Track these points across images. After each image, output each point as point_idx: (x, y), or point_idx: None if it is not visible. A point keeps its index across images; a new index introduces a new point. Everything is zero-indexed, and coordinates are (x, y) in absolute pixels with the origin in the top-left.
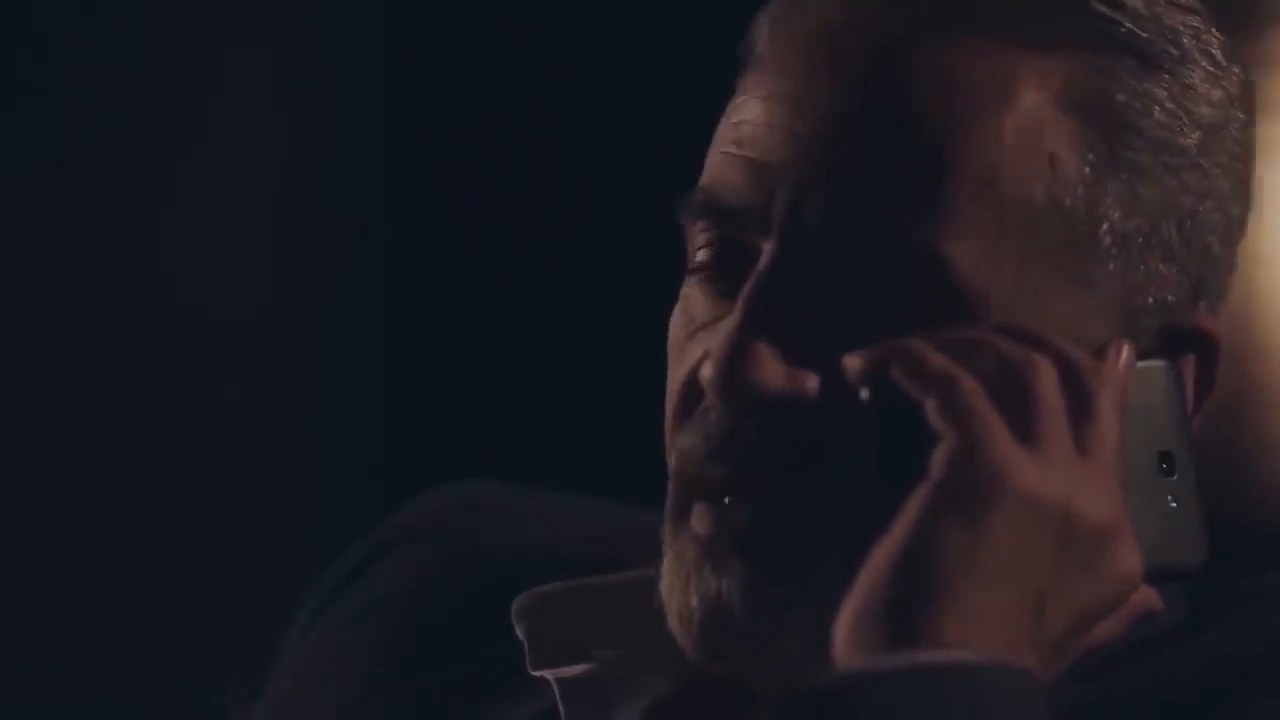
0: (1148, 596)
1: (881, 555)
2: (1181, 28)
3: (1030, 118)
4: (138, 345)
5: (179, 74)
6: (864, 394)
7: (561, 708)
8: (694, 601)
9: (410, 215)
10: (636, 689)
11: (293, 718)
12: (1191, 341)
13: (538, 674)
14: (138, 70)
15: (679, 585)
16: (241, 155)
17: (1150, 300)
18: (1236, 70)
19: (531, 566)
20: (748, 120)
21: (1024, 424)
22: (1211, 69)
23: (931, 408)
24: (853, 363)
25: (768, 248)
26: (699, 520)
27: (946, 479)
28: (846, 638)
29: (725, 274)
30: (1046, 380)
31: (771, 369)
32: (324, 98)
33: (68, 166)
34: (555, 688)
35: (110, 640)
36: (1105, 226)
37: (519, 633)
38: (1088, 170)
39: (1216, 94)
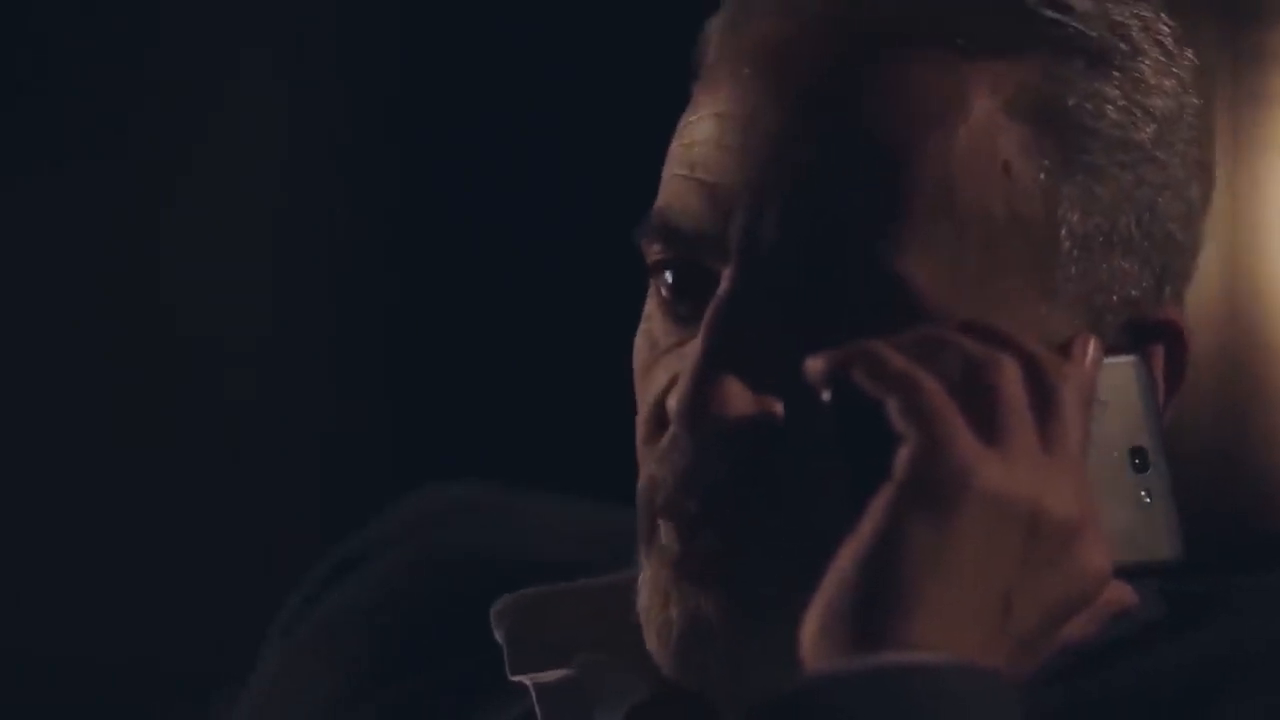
0: (1122, 593)
1: (847, 556)
2: (1130, 20)
3: (982, 128)
4: (137, 345)
5: (178, 74)
6: (825, 396)
7: (539, 713)
8: (674, 617)
9: (402, 216)
10: (616, 694)
11: (279, 714)
12: (1159, 334)
13: (516, 679)
14: (137, 70)
15: (658, 603)
16: (238, 157)
17: (1114, 297)
18: (1189, 55)
19: (516, 568)
20: (699, 141)
21: (987, 422)
22: (1162, 58)
23: (893, 408)
24: (814, 365)
25: (727, 273)
26: (668, 538)
27: (910, 479)
28: (813, 639)
29: (684, 298)
30: (1009, 378)
31: (736, 400)
32: (319, 99)
33: (67, 167)
34: (532, 693)
35: (110, 640)
36: (1064, 231)
37: (498, 637)
38: (1043, 176)
39: (1169, 83)
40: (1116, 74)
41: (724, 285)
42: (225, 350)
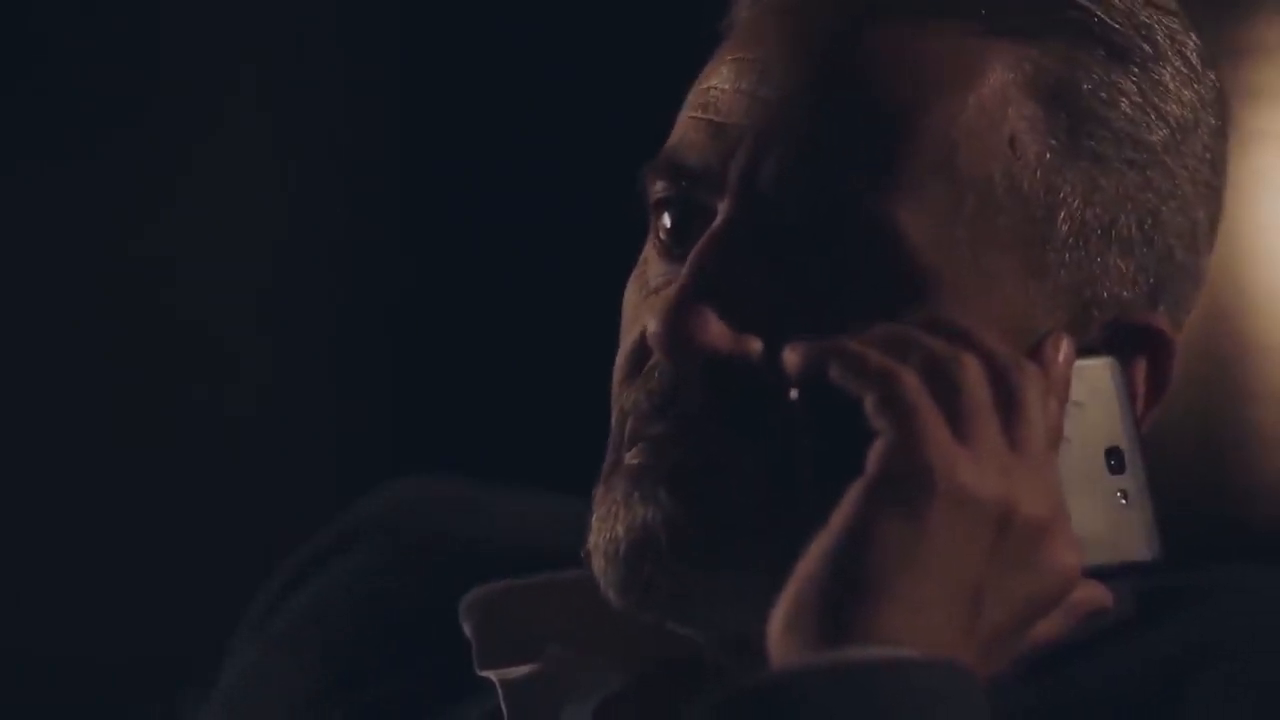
0: (1097, 593)
1: (817, 549)
2: (1156, 25)
3: (993, 98)
4: (134, 346)
5: (174, 71)
6: (799, 389)
7: (505, 709)
8: (620, 532)
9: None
10: (585, 687)
11: (250, 710)
12: (1145, 340)
13: (483, 674)
14: (134, 66)
15: (607, 523)
16: (235, 157)
17: (1104, 294)
18: (1211, 76)
19: (485, 560)
20: (715, 85)
21: (955, 420)
22: (1184, 70)
23: (870, 403)
24: (790, 358)
25: (722, 209)
26: (633, 456)
27: (883, 474)
28: (782, 631)
29: (682, 238)
30: (973, 376)
31: (716, 330)
32: (317, 98)
33: (62, 164)
34: (499, 689)
35: (97, 640)
36: (1063, 214)
37: (466, 631)
38: (1048, 155)
39: (1188, 94)
40: (1136, 70)
41: (718, 220)
42: (219, 350)
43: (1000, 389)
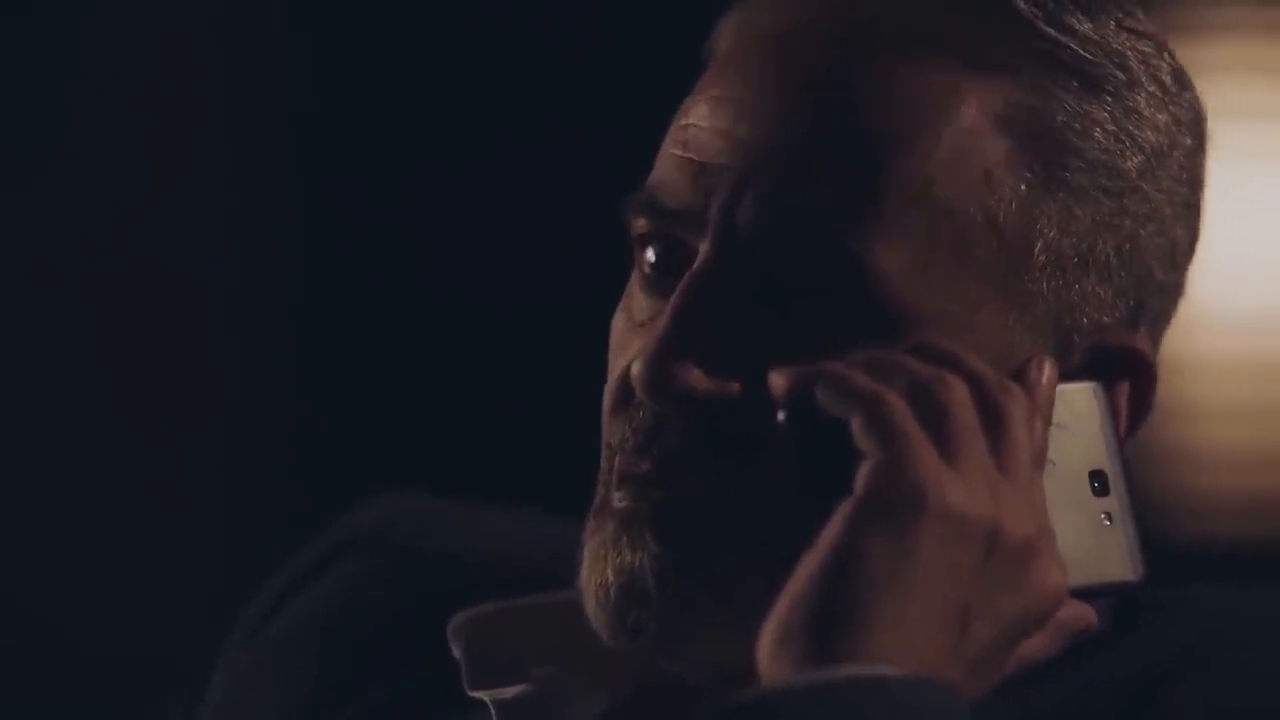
0: (1083, 612)
1: (806, 570)
2: (1130, 52)
3: (967, 135)
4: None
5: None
6: (786, 412)
7: None
8: (610, 577)
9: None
10: (574, 708)
11: None
12: (1127, 364)
13: (474, 695)
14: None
15: (597, 566)
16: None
17: (1085, 320)
18: (1189, 96)
19: (476, 577)
20: (694, 123)
21: (942, 442)
22: (1159, 93)
23: (857, 425)
24: (777, 381)
25: (703, 249)
26: (621, 498)
27: (871, 494)
28: (771, 651)
29: (665, 274)
30: (958, 398)
31: (697, 374)
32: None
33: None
34: (491, 710)
35: (99, 646)
36: (1040, 244)
37: (455, 653)
38: (1024, 188)
39: (1162, 118)
40: (1109, 99)
41: (699, 259)
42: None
43: (986, 411)
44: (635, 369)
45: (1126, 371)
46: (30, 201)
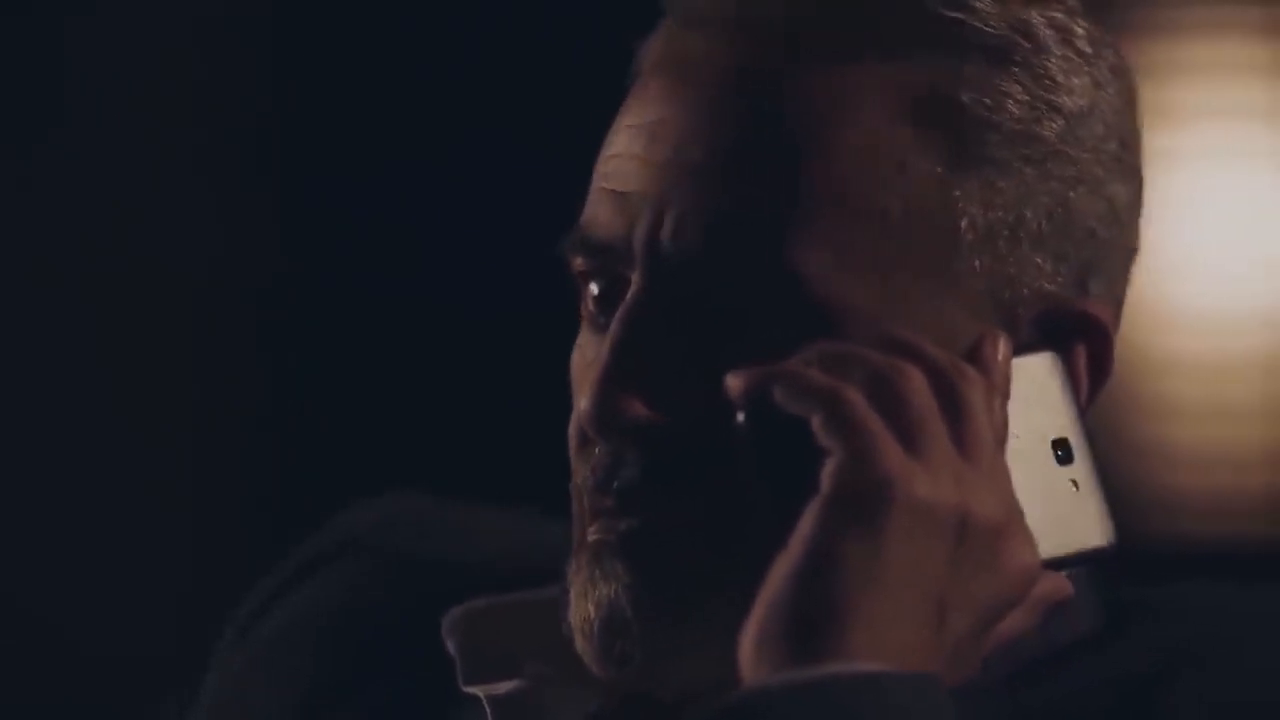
0: (1057, 584)
1: (779, 573)
2: (1035, 20)
3: (875, 129)
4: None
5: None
6: (745, 414)
7: None
8: (590, 611)
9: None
10: (567, 705)
11: None
12: (1079, 329)
13: (468, 691)
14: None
15: (580, 603)
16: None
17: (1025, 291)
18: (1109, 55)
19: (469, 576)
20: (614, 153)
21: (904, 432)
22: (1073, 56)
23: (817, 423)
24: (734, 383)
25: (633, 280)
26: (593, 532)
27: (838, 492)
28: (752, 658)
29: (607, 309)
30: (916, 386)
31: (640, 405)
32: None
33: None
34: (486, 706)
35: (92, 647)
36: (964, 223)
37: (449, 648)
38: (939, 170)
39: (1079, 81)
40: (1018, 69)
41: (630, 292)
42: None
43: (944, 396)
44: (581, 408)
45: (1080, 336)
46: (13, 199)
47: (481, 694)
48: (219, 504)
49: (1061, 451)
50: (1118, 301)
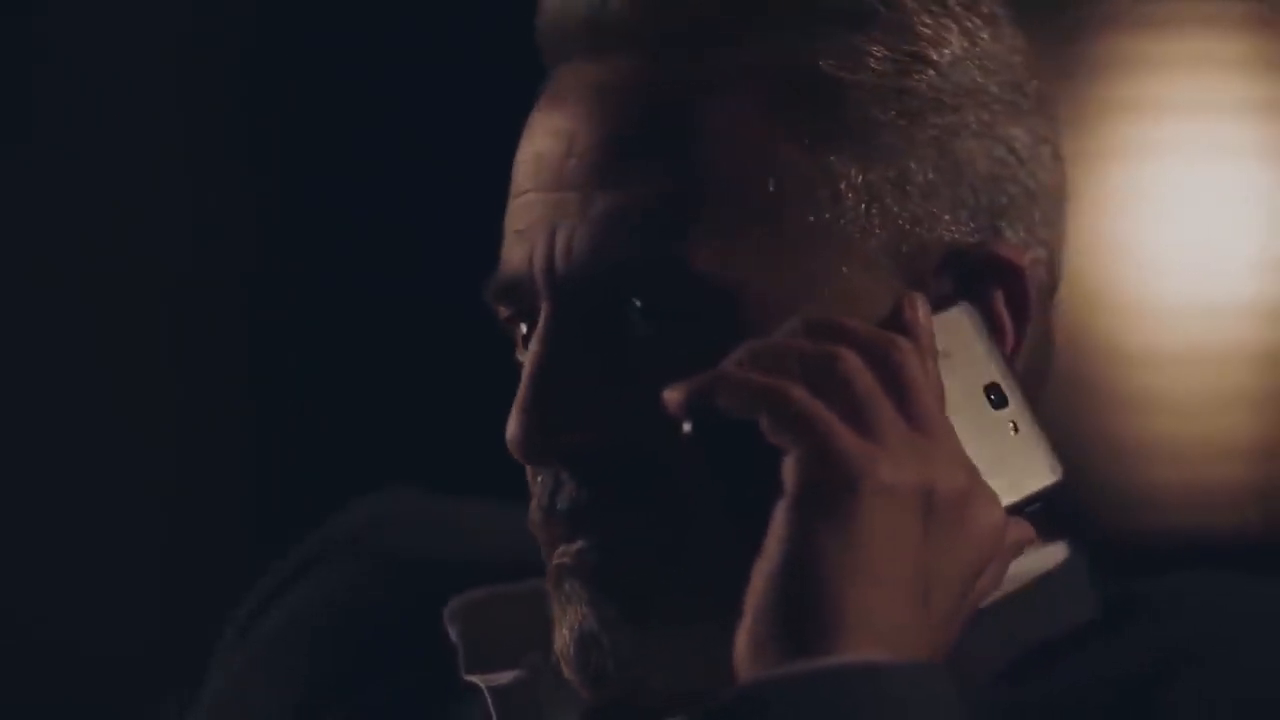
0: (1022, 531)
1: (761, 577)
2: None
3: (740, 117)
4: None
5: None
6: (690, 425)
7: (494, 713)
8: (567, 635)
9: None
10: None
11: None
12: (992, 273)
13: (470, 679)
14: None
15: (559, 627)
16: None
17: (925, 242)
18: (982, 6)
19: (466, 572)
20: (512, 195)
21: (854, 417)
22: (937, 9)
23: (766, 424)
24: (673, 396)
25: (543, 308)
26: (557, 558)
27: (804, 489)
28: (749, 662)
29: None
30: (855, 368)
31: (566, 425)
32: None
33: None
34: (487, 696)
35: (92, 647)
36: (844, 186)
37: (452, 636)
38: (808, 142)
39: (947, 33)
40: (876, 30)
41: (540, 318)
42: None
43: (882, 371)
44: (510, 444)
45: (994, 280)
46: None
47: (482, 684)
48: (218, 504)
49: (995, 396)
50: (1045, 244)
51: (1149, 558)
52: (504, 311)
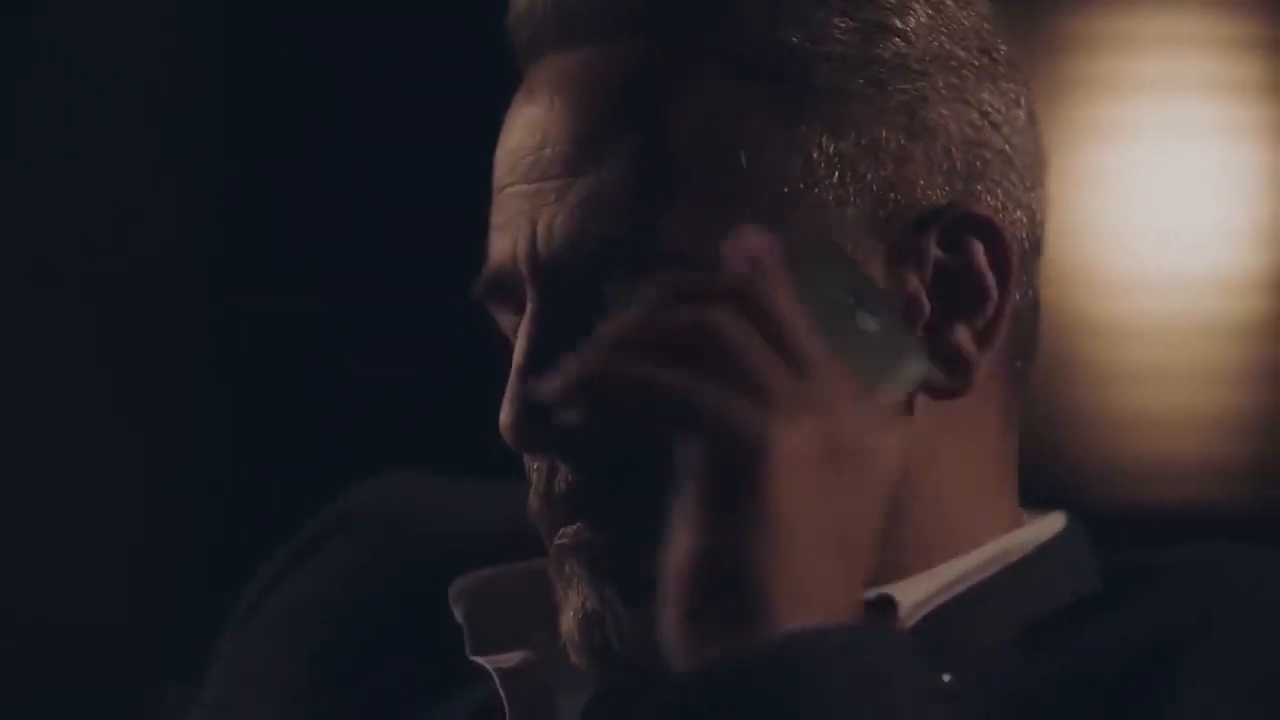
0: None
1: (683, 562)
2: None
3: (709, 93)
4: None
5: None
6: (578, 418)
7: (503, 695)
8: (571, 615)
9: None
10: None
11: (238, 709)
12: (970, 229)
13: (476, 660)
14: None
15: (564, 609)
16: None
17: (900, 205)
18: None
19: (469, 551)
20: (494, 192)
21: (739, 381)
22: None
23: (656, 410)
24: (544, 388)
25: (528, 298)
26: (558, 539)
27: (704, 469)
28: (683, 644)
29: None
30: (726, 327)
31: (551, 419)
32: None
33: None
34: (495, 677)
35: (94, 637)
36: (816, 155)
37: (458, 616)
38: (777, 116)
39: (916, 2)
40: (841, 2)
41: (526, 308)
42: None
43: (753, 318)
44: (503, 432)
45: (973, 235)
46: None
47: (490, 665)
48: (218, 495)
49: (853, 299)
50: (1025, 207)
51: (1129, 530)
52: (493, 308)
